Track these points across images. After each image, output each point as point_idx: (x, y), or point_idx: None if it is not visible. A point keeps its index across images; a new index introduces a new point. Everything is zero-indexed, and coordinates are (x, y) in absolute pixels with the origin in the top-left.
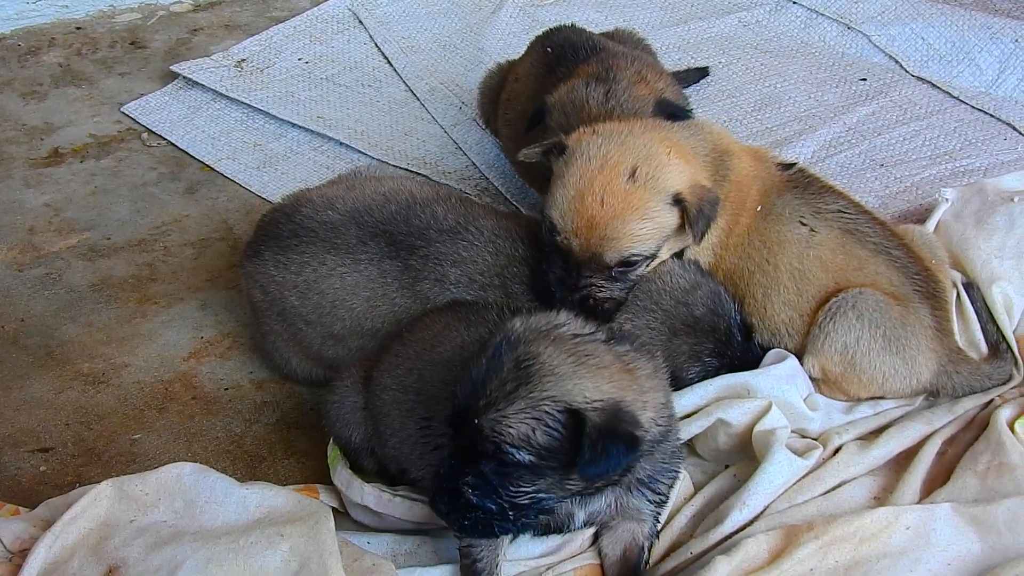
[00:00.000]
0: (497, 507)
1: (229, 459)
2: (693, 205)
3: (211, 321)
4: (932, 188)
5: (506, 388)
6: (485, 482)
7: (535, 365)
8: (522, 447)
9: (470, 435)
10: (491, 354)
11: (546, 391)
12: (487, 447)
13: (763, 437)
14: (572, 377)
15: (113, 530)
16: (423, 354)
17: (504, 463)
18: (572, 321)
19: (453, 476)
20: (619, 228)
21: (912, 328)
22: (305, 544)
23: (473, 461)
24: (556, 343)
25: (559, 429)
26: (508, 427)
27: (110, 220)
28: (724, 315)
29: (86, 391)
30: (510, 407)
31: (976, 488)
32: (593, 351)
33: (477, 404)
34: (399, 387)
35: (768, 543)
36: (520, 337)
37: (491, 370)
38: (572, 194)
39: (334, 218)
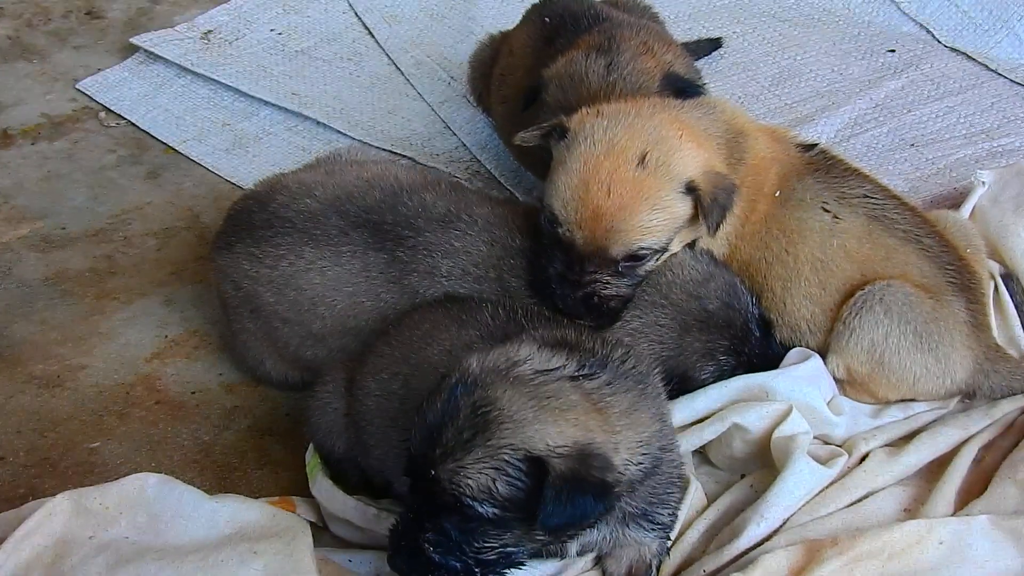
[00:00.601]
0: (462, 565)
1: (197, 469)
2: (707, 194)
3: (176, 318)
4: (967, 170)
5: (463, 436)
6: (447, 538)
7: (492, 411)
8: (483, 500)
9: (428, 487)
10: (446, 398)
11: (504, 439)
12: (447, 500)
13: (783, 444)
14: (533, 423)
15: (70, 547)
16: (409, 356)
17: (466, 517)
18: (535, 356)
19: (412, 532)
20: (627, 220)
21: (945, 323)
22: (281, 562)
23: (433, 515)
24: (515, 385)
25: (521, 479)
26: (467, 478)
27: (65, 208)
28: (740, 309)
29: (40, 395)
30: (467, 456)
31: (1016, 499)
32: (556, 391)
33: (433, 453)
34: (383, 392)
35: (788, 559)
36: (476, 379)
37: (447, 416)
38: (576, 182)
39: (313, 207)
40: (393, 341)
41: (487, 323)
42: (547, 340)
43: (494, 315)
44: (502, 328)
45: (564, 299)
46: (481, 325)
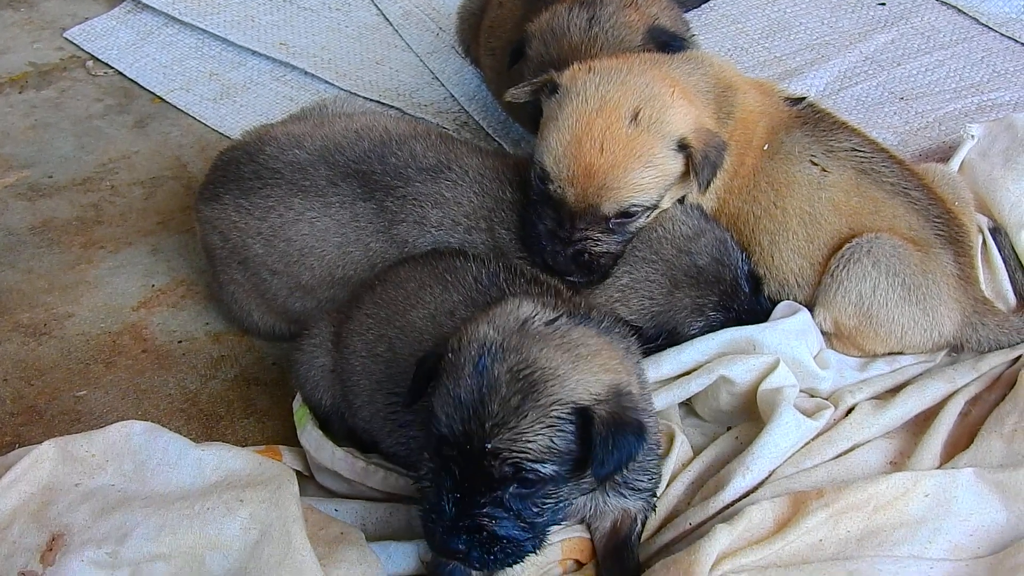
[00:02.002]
0: (520, 531)
1: (183, 418)
2: (699, 151)
3: (163, 268)
4: (957, 124)
5: (511, 403)
6: (505, 508)
7: (534, 371)
8: (545, 459)
9: (479, 462)
10: (475, 372)
11: (553, 395)
12: (505, 471)
13: (769, 396)
14: (572, 374)
15: (56, 495)
16: (394, 318)
17: (525, 481)
18: (538, 310)
19: (466, 512)
20: (619, 177)
21: (933, 275)
22: (266, 510)
23: (485, 489)
24: (542, 341)
25: (572, 431)
26: (527, 442)
27: (52, 157)
28: (730, 265)
29: (26, 344)
30: (523, 421)
31: (1002, 452)
32: (579, 339)
33: (482, 429)
34: (368, 354)
35: (774, 511)
36: (503, 345)
37: (486, 388)
38: (568, 139)
39: (301, 157)
40: (378, 299)
41: (470, 286)
42: (534, 295)
43: (477, 278)
44: (484, 293)
45: (554, 256)
46: (464, 289)
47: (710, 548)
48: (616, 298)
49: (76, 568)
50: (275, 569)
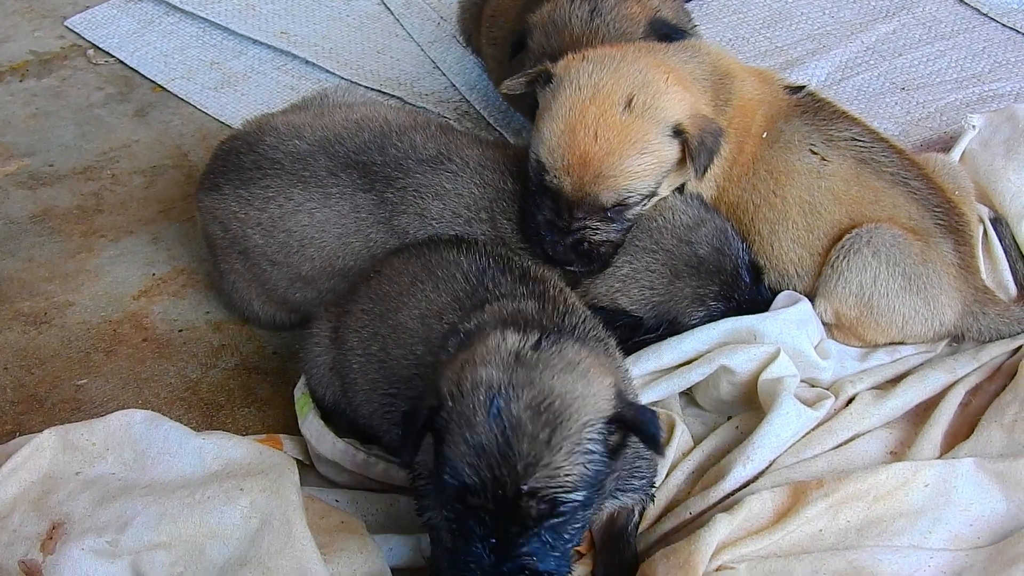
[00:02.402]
0: (557, 561)
1: (183, 407)
2: (694, 137)
3: (163, 256)
4: (958, 114)
5: (541, 439)
6: (544, 544)
7: (555, 400)
8: (579, 487)
9: (515, 504)
10: (494, 416)
11: (581, 418)
12: (541, 509)
13: (770, 386)
14: (588, 391)
15: (57, 483)
16: (386, 315)
17: (561, 514)
18: (516, 335)
19: (507, 556)
20: (615, 165)
21: (933, 265)
22: (267, 499)
23: (522, 530)
24: (546, 367)
25: (601, 451)
26: (566, 475)
27: (53, 145)
28: (731, 255)
29: (26, 332)
30: (558, 454)
31: (1002, 442)
32: (573, 355)
33: (515, 472)
34: (364, 352)
35: (774, 501)
36: (511, 383)
37: (509, 431)
38: (562, 128)
39: (301, 148)
40: (373, 294)
41: (459, 286)
42: (507, 318)
43: (466, 276)
44: (470, 295)
45: (554, 246)
46: (453, 289)
47: (710, 538)
48: (617, 288)
49: (76, 556)
50: (275, 558)
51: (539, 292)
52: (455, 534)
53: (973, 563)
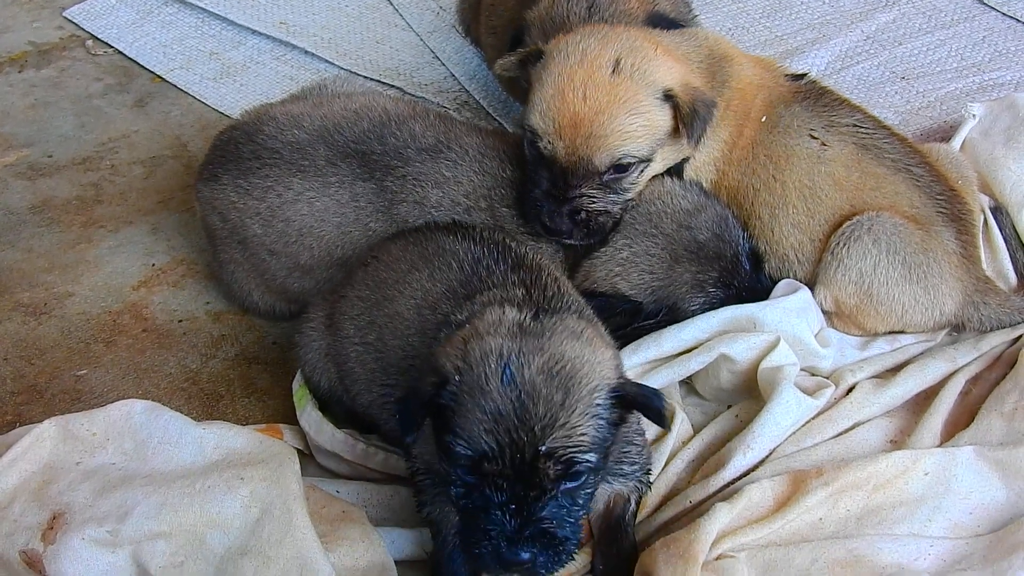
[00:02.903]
0: (571, 527)
1: (183, 397)
2: (686, 103)
3: (163, 247)
4: (958, 103)
5: (556, 400)
6: (561, 508)
7: (566, 364)
8: (592, 448)
9: (533, 469)
10: (507, 382)
11: (591, 382)
12: (558, 470)
13: (770, 375)
14: (595, 359)
15: (57, 473)
16: (383, 303)
17: (576, 475)
18: (515, 309)
19: (529, 520)
20: (606, 124)
21: (934, 254)
22: (267, 489)
23: (541, 493)
24: (553, 334)
25: (607, 416)
26: (582, 434)
27: (52, 136)
28: (731, 241)
29: (26, 323)
30: (573, 415)
31: (1002, 431)
32: (574, 325)
33: (533, 433)
34: (360, 341)
35: (773, 489)
36: (521, 350)
37: (524, 396)
38: (551, 92)
39: (300, 137)
40: (370, 280)
41: (454, 276)
42: (511, 285)
43: (460, 266)
44: (463, 285)
45: (552, 216)
46: (447, 279)
47: (710, 527)
48: (616, 272)
49: (77, 546)
50: (276, 547)
51: (531, 280)
52: (468, 509)
53: (973, 551)
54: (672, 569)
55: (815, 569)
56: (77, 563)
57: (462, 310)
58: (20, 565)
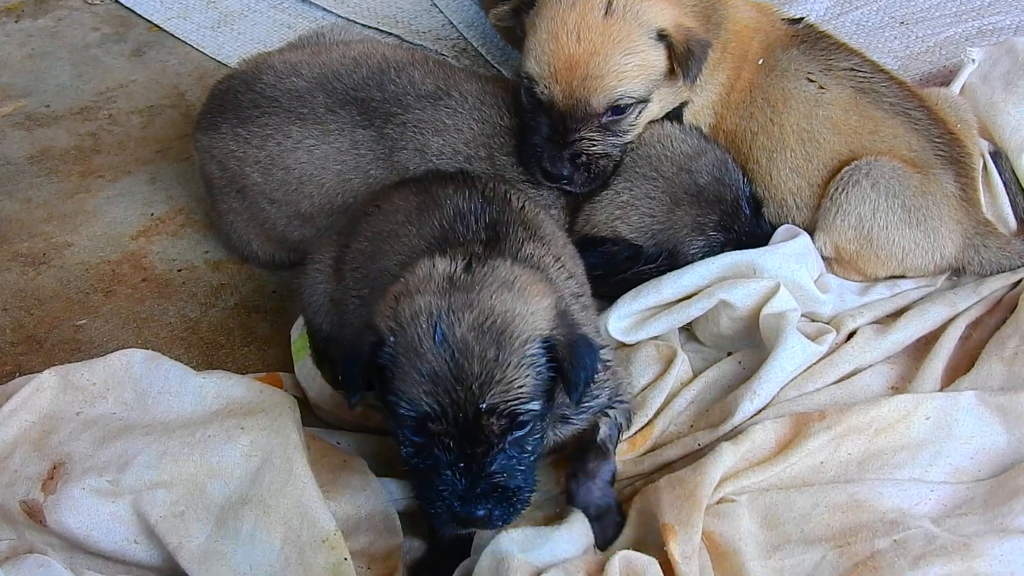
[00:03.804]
0: (523, 475)
1: (183, 346)
2: (680, 43)
3: (162, 196)
4: (957, 48)
5: (488, 356)
6: (511, 459)
7: (495, 319)
8: (533, 397)
9: (476, 425)
10: (440, 342)
11: (522, 334)
12: (502, 424)
13: (771, 321)
14: (525, 310)
15: (57, 423)
16: (376, 256)
17: (521, 425)
18: (445, 260)
19: (478, 477)
20: (600, 65)
21: (933, 197)
22: (267, 437)
23: (487, 449)
24: (482, 287)
25: (544, 363)
26: (519, 387)
27: (49, 86)
28: (731, 185)
29: (25, 273)
30: (508, 369)
31: (1003, 375)
32: (508, 274)
33: (471, 392)
34: (358, 294)
35: (776, 431)
36: (450, 307)
37: (458, 354)
38: (545, 36)
39: (299, 85)
40: (369, 232)
41: (435, 233)
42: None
43: (440, 224)
44: (441, 242)
45: (552, 162)
46: (428, 236)
47: (714, 468)
48: (617, 215)
49: (77, 496)
50: (276, 496)
51: (492, 238)
52: (420, 469)
53: (974, 496)
54: (676, 511)
55: (816, 513)
56: (77, 513)
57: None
58: (20, 515)
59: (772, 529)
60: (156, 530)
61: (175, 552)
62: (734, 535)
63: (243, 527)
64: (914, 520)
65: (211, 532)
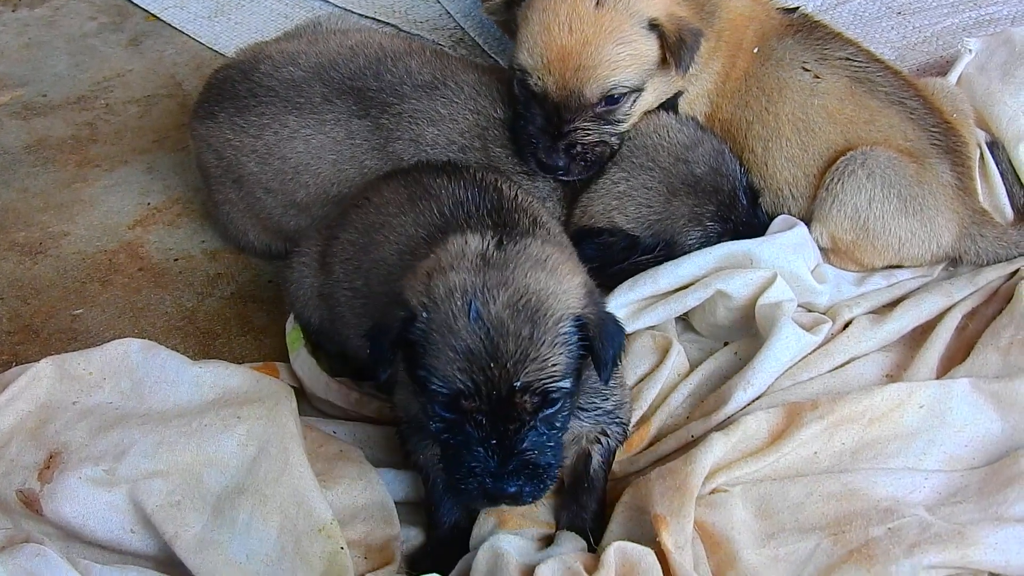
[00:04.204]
0: (553, 452)
1: (180, 336)
2: (672, 32)
3: (158, 186)
4: (954, 38)
5: (524, 335)
6: (541, 435)
7: (530, 297)
8: (565, 376)
9: (505, 404)
10: (475, 319)
11: (556, 312)
12: (535, 401)
13: (767, 311)
14: (559, 287)
15: (54, 413)
16: (370, 248)
17: (552, 404)
18: (478, 237)
19: (511, 453)
20: (593, 55)
21: (929, 186)
22: (264, 427)
23: (519, 425)
24: (515, 265)
25: (575, 342)
26: (553, 364)
27: (46, 75)
28: (728, 175)
29: (22, 262)
30: (543, 347)
31: (998, 365)
32: (539, 252)
33: (506, 369)
34: (350, 286)
35: (768, 421)
36: (485, 284)
37: (493, 331)
38: (537, 29)
39: (296, 75)
40: (360, 223)
41: (435, 222)
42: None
43: (440, 213)
44: (443, 230)
45: (548, 152)
46: (428, 225)
47: (705, 458)
48: (614, 206)
49: (74, 485)
50: (272, 485)
51: (501, 224)
52: (449, 444)
53: (968, 484)
54: (668, 502)
55: (810, 502)
56: (74, 502)
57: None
58: (17, 504)
59: (766, 518)
60: (152, 519)
61: (171, 541)
62: (727, 525)
63: (239, 516)
64: (908, 508)
65: (207, 521)
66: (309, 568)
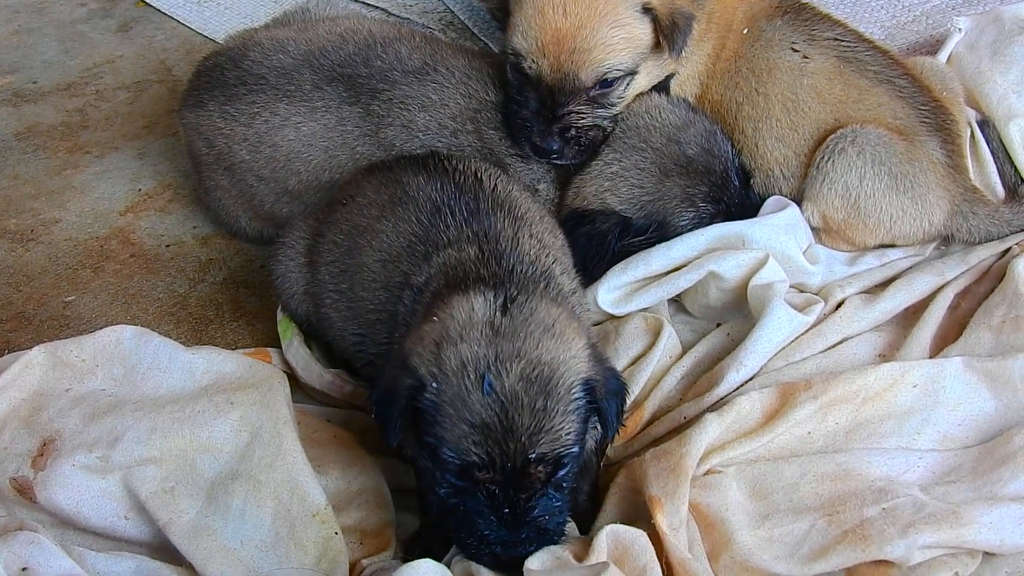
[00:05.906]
0: (560, 510)
1: (172, 322)
2: (665, 16)
3: (149, 172)
4: (943, 17)
5: (538, 407)
6: (551, 499)
7: (542, 368)
8: (576, 442)
9: (524, 472)
10: (489, 393)
11: (567, 381)
12: (547, 470)
13: (759, 292)
14: (567, 353)
15: (47, 400)
16: (353, 252)
17: (562, 468)
18: (480, 300)
19: (522, 522)
20: (587, 38)
21: (920, 164)
22: (257, 412)
23: (532, 494)
24: (524, 333)
25: (584, 406)
26: (566, 435)
27: (36, 62)
28: (720, 156)
29: (13, 249)
30: (556, 418)
31: (990, 343)
32: (544, 315)
33: (521, 442)
34: (335, 289)
35: (762, 402)
36: (497, 357)
37: (508, 405)
38: (531, 11)
39: (286, 62)
40: (344, 225)
41: (415, 230)
42: (451, 272)
43: (418, 220)
44: (422, 240)
45: (542, 136)
46: (407, 233)
47: (700, 439)
48: (606, 187)
49: (67, 473)
50: (266, 471)
51: (484, 235)
52: (458, 510)
53: (962, 463)
54: (663, 483)
55: (804, 483)
56: (68, 489)
57: (420, 271)
58: (11, 492)
59: (760, 499)
60: (146, 506)
61: (165, 528)
62: (722, 506)
63: (233, 502)
64: (903, 488)
65: (201, 507)
66: (303, 554)
